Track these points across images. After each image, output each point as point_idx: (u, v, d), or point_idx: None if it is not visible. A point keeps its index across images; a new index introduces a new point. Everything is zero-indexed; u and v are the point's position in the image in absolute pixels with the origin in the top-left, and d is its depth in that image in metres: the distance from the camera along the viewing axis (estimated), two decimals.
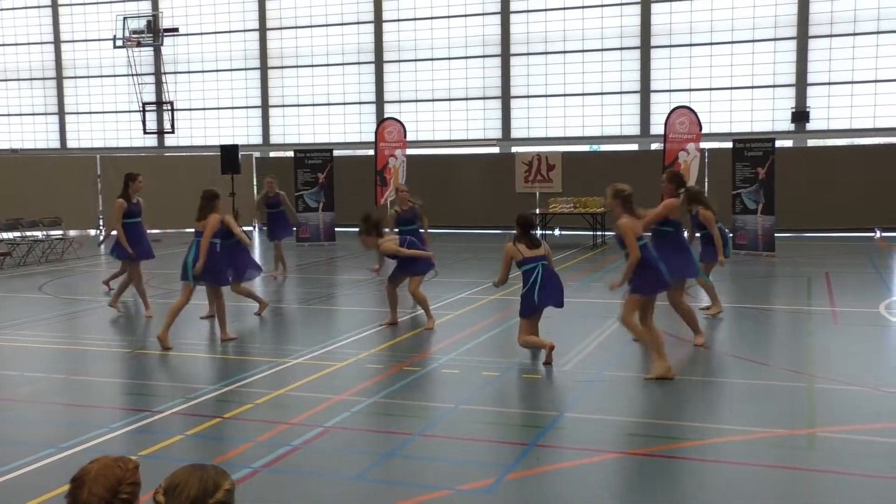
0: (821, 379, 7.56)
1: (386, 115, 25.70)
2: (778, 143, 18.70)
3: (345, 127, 28.43)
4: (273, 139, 29.31)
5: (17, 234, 18.78)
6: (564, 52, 25.98)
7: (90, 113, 31.41)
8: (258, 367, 8.20)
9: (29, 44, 31.83)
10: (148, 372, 8.32)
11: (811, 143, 24.33)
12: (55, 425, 6.62)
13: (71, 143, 31.64)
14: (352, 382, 7.60)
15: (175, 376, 8.17)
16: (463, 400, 7.13)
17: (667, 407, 6.96)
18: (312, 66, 28.59)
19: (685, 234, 9.20)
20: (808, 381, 7.56)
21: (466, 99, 27.10)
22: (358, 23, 27.91)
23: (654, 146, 23.96)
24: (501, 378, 7.81)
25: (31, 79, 31.99)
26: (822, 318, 10.46)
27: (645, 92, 25.35)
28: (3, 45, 32.14)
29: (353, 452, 5.83)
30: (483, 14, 26.63)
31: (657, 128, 23.88)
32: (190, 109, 30.13)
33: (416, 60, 27.43)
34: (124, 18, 29.41)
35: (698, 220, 10.52)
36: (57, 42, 31.43)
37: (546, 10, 26.01)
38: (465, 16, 26.79)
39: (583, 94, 25.98)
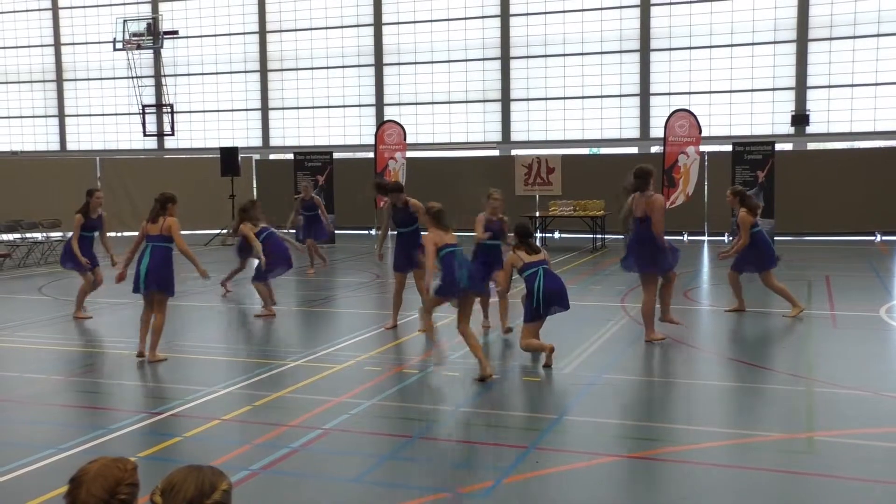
0: (820, 383, 7.56)
1: (386, 118, 25.71)
2: (778, 147, 18.74)
3: (344, 129, 28.44)
4: (273, 141, 29.32)
5: (17, 235, 18.78)
6: (564, 55, 26.00)
7: (90, 115, 31.42)
8: (257, 369, 8.20)
9: (29, 46, 31.85)
10: (147, 373, 8.31)
11: (811, 146, 24.33)
12: (54, 426, 6.62)
13: (71, 146, 31.64)
14: (351, 385, 7.59)
15: (174, 378, 8.16)
16: (462, 402, 7.13)
17: (666, 410, 6.96)
18: (312, 68, 28.61)
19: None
20: (807, 384, 7.56)
21: (466, 102, 27.11)
22: (357, 25, 27.93)
23: (654, 149, 23.96)
24: (501, 381, 7.80)
25: (32, 81, 32.00)
26: (822, 322, 10.46)
27: (644, 95, 25.37)
28: (4, 47, 32.16)
29: (352, 455, 5.83)
30: (482, 17, 26.65)
31: (657, 131, 23.90)
32: (190, 112, 30.14)
33: (415, 63, 27.45)
34: (124, 21, 29.44)
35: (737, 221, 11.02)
36: (57, 45, 31.45)
37: (545, 13, 26.04)
38: (465, 19, 26.81)
39: (582, 98, 25.99)
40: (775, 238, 17.45)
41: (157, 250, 8.34)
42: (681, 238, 21.55)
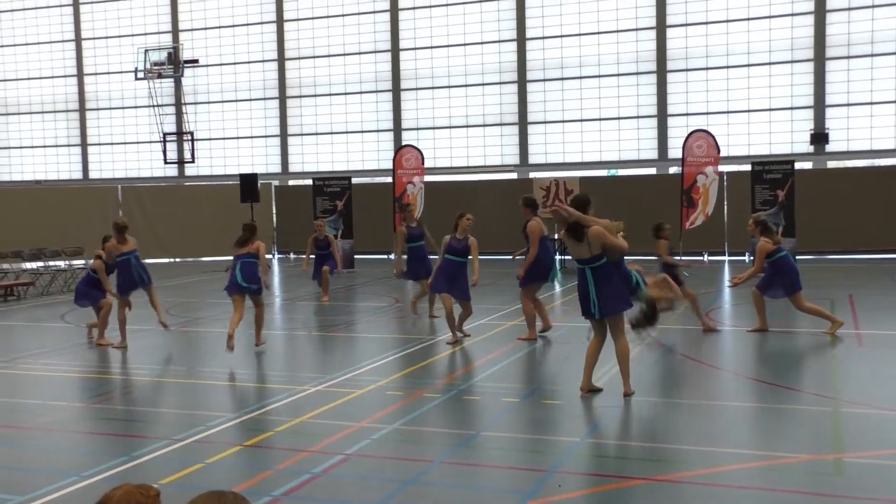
0: (846, 403, 7.46)
1: (404, 143, 25.83)
2: (797, 165, 18.65)
3: (363, 155, 28.60)
4: (292, 167, 29.52)
5: (41, 263, 18.97)
6: (581, 77, 26.07)
7: (112, 144, 31.80)
8: (278, 394, 8.20)
9: (53, 77, 32.35)
10: (168, 400, 8.34)
11: (831, 164, 24.20)
12: (77, 453, 6.64)
13: (93, 174, 32.01)
14: (372, 409, 7.58)
15: (195, 404, 8.18)
16: (483, 426, 7.09)
17: (689, 432, 6.89)
18: (330, 94, 28.84)
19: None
20: (833, 405, 7.46)
21: (483, 125, 27.20)
22: (375, 52, 28.16)
23: (673, 170, 23.92)
24: (522, 404, 7.76)
25: (55, 111, 32.47)
26: (847, 341, 10.34)
27: (662, 116, 25.35)
28: (29, 78, 32.68)
29: (374, 480, 5.81)
30: (499, 41, 26.80)
31: (675, 151, 23.85)
32: (210, 139, 30.43)
33: (433, 88, 27.60)
34: (146, 51, 29.86)
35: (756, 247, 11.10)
36: (80, 75, 31.91)
37: (562, 36, 26.14)
38: (482, 43, 26.97)
39: (600, 119, 26.02)
40: (797, 257, 17.35)
41: (247, 264, 10.56)
42: (701, 258, 21.44)
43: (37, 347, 11.33)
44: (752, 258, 16.11)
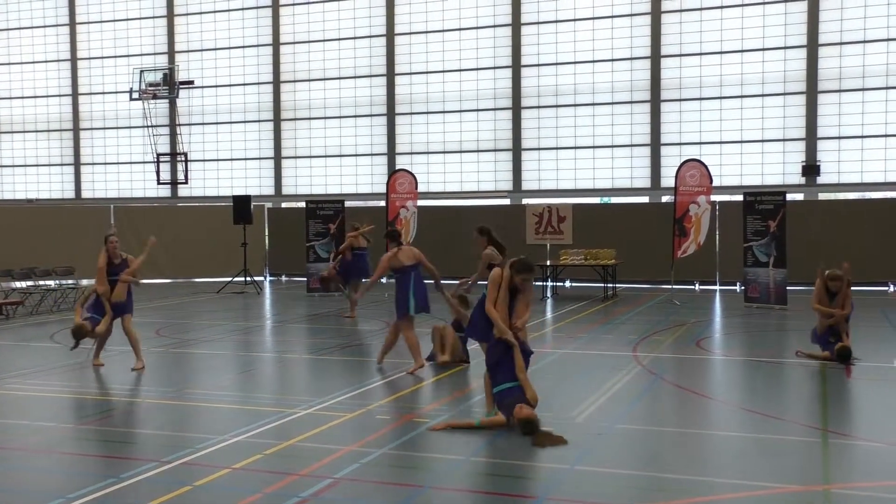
0: (835, 434, 7.47)
1: (397, 167, 25.93)
2: (789, 197, 18.72)
3: (356, 178, 28.68)
4: (285, 190, 29.57)
5: (31, 283, 18.90)
6: (575, 105, 26.27)
7: (105, 164, 31.82)
8: (267, 417, 8.17)
9: (48, 96, 32.41)
10: (156, 422, 8.30)
11: (822, 196, 24.37)
12: (64, 475, 6.59)
13: (86, 194, 31.99)
14: (361, 434, 7.56)
15: (184, 426, 8.14)
16: (473, 452, 7.07)
17: (679, 461, 6.88)
18: (325, 118, 28.96)
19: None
20: (821, 435, 7.47)
21: (477, 151, 27.33)
22: (370, 76, 28.33)
23: (665, 198, 24.05)
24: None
25: (49, 130, 32.50)
26: (836, 373, 10.37)
27: (655, 145, 25.53)
28: (23, 97, 32.74)
29: None
30: (494, 68, 27.00)
31: (668, 180, 24.00)
32: (203, 160, 30.48)
33: (427, 113, 27.76)
34: (141, 71, 29.95)
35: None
36: (75, 94, 31.99)
37: (557, 63, 26.36)
38: (477, 69, 27.17)
39: (593, 147, 26.18)
40: (788, 287, 17.42)
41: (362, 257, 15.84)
42: (692, 287, 21.50)
43: (25, 367, 11.27)
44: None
